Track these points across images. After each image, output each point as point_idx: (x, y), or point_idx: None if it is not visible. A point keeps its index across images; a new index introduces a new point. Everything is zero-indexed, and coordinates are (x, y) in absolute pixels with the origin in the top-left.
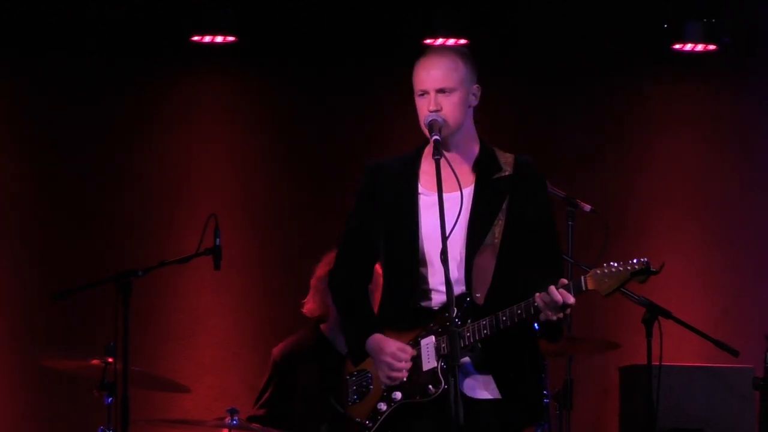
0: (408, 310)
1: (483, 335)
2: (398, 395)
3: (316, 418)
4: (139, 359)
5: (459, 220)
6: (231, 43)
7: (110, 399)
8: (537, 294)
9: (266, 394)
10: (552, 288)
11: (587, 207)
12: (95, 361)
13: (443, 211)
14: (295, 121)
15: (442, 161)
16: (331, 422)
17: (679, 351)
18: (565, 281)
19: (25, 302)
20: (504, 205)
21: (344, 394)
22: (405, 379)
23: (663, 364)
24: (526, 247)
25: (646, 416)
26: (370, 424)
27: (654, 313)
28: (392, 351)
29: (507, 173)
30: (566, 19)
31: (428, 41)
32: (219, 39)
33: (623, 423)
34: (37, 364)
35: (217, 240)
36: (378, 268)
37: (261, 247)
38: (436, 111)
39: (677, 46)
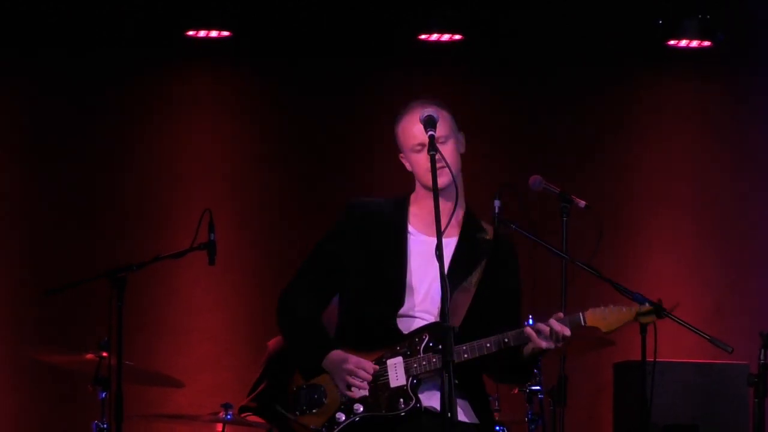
0: (374, 332)
1: (463, 359)
2: (360, 408)
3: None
4: (134, 354)
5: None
6: (225, 38)
7: (104, 394)
8: (530, 325)
9: (260, 387)
10: (551, 320)
11: (582, 203)
12: (89, 356)
13: (438, 204)
14: (289, 116)
15: (442, 205)
16: (279, 427)
17: (673, 347)
18: (561, 315)
19: (19, 297)
20: (483, 263)
21: (292, 405)
22: (367, 394)
23: (657, 360)
24: (494, 309)
25: (640, 413)
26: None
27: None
28: (353, 365)
29: (488, 237)
30: (561, 15)
31: (423, 36)
32: (214, 34)
33: (617, 419)
34: (30, 358)
35: (212, 235)
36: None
37: (255, 242)
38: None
39: (672, 43)
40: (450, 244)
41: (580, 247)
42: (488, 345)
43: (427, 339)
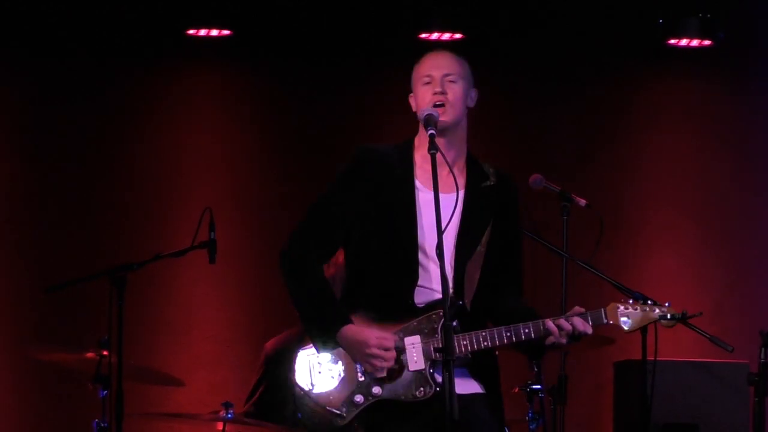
0: (389, 303)
1: (483, 347)
2: (378, 390)
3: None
4: (134, 352)
5: (451, 222)
6: (226, 37)
7: (104, 392)
8: (550, 319)
9: (258, 391)
10: (574, 319)
11: (582, 202)
12: (90, 354)
13: (439, 205)
14: (289, 115)
15: (439, 158)
16: (294, 402)
17: (673, 346)
18: (581, 309)
19: (19, 297)
20: (492, 216)
21: (304, 377)
22: (385, 375)
23: (657, 359)
24: (499, 264)
25: (641, 412)
26: (345, 414)
27: None
28: (376, 346)
29: (492, 183)
30: (561, 15)
31: (423, 35)
32: (214, 33)
33: (617, 418)
34: (31, 357)
35: (212, 233)
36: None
37: (256, 241)
38: (442, 94)
39: (673, 42)
40: (459, 199)
41: (581, 246)
42: (508, 334)
43: (443, 318)
